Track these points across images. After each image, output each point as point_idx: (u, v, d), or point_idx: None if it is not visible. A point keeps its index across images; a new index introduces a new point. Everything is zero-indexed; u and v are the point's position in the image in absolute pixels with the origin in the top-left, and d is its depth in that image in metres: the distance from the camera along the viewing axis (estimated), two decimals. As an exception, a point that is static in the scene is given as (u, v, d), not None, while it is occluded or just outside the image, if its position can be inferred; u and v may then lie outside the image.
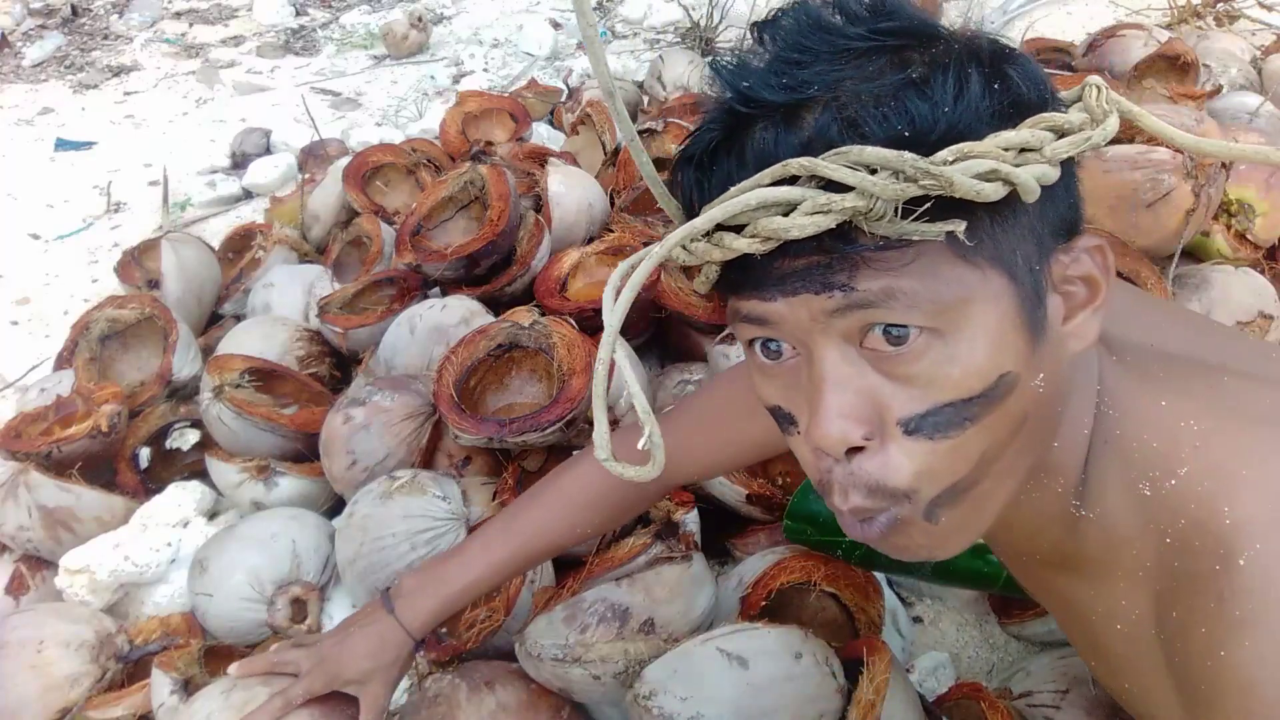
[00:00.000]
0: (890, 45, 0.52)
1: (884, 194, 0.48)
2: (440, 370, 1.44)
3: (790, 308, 0.54)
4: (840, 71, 0.51)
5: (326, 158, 2.44)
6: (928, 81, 0.50)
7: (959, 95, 0.50)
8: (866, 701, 1.02)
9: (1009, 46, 0.55)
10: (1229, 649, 0.51)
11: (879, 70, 0.51)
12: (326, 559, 1.37)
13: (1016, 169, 0.50)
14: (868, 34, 0.52)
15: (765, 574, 1.23)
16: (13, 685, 1.21)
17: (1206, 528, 0.54)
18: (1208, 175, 1.53)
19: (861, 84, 0.51)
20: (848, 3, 0.54)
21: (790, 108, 0.52)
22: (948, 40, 0.54)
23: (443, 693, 1.13)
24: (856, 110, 0.50)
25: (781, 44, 0.54)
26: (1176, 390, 0.60)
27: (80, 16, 3.85)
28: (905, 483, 0.55)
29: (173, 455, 1.63)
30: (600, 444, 0.63)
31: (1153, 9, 3.10)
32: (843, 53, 0.52)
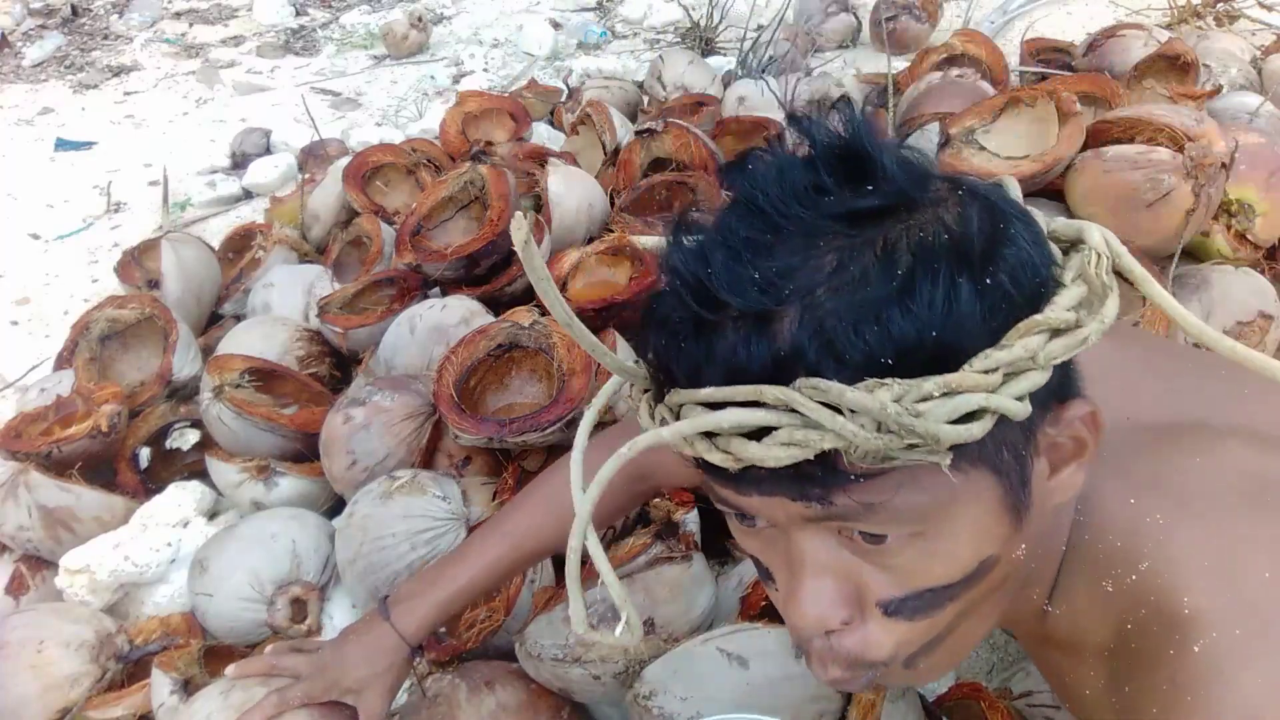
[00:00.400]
0: (870, 235, 0.48)
1: (865, 445, 0.46)
2: (440, 370, 1.44)
3: (766, 505, 0.53)
4: (816, 266, 0.47)
5: (326, 158, 2.44)
6: (911, 292, 0.46)
7: (947, 310, 0.46)
8: (866, 701, 1.02)
9: (1006, 218, 0.50)
10: None
11: (860, 275, 0.47)
12: (326, 559, 1.37)
13: (1005, 400, 0.47)
14: (846, 217, 0.48)
15: (765, 574, 1.23)
16: (13, 685, 1.21)
17: (1164, 615, 0.55)
18: (1208, 175, 1.53)
19: (840, 296, 0.46)
20: (822, 159, 0.50)
21: (760, 314, 0.48)
22: (939, 212, 0.49)
23: (443, 693, 1.13)
24: (834, 327, 0.46)
25: (749, 221, 0.50)
26: (1147, 485, 0.60)
27: (80, 16, 3.85)
28: (885, 656, 0.56)
29: (173, 455, 1.63)
30: (577, 620, 0.65)
31: (1153, 9, 3.10)
32: (818, 237, 0.48)
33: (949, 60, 2.37)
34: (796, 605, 0.54)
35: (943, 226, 0.48)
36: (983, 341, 0.47)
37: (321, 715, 0.96)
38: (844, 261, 0.47)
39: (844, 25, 3.10)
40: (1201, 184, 1.54)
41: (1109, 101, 1.91)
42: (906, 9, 2.92)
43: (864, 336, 0.46)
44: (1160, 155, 1.57)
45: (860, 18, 3.14)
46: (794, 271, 0.47)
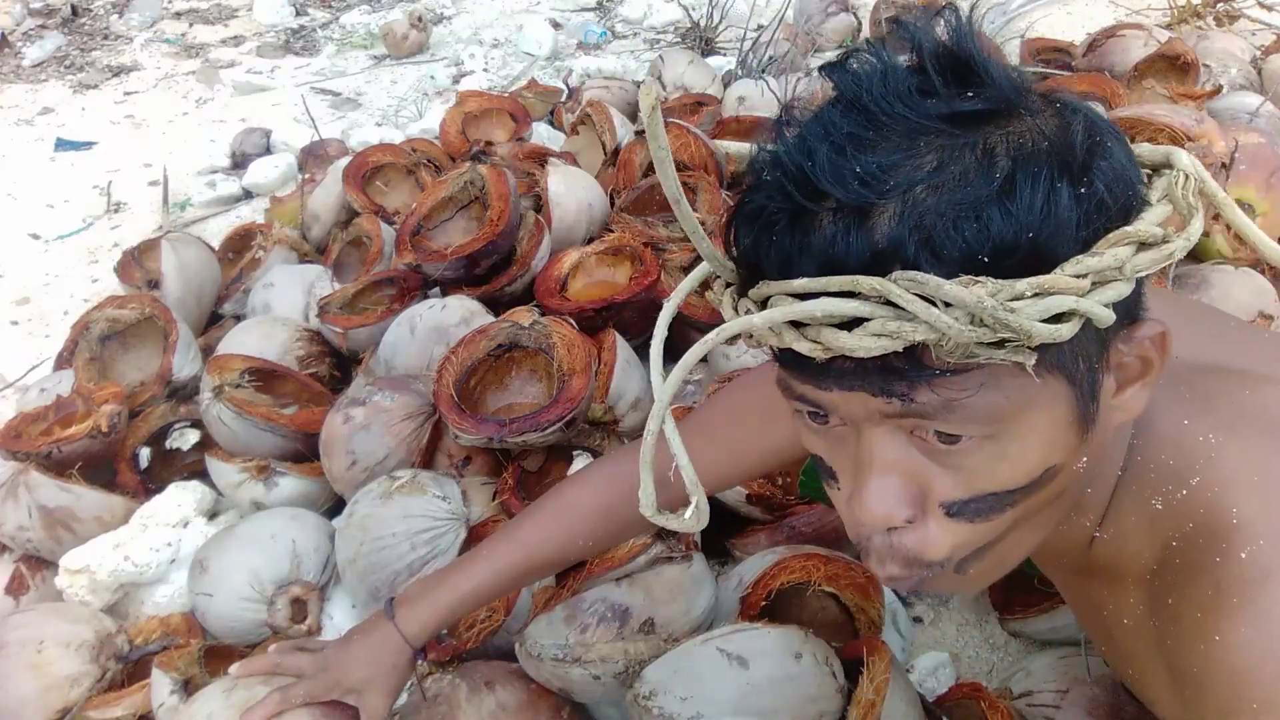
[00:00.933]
0: (971, 139, 0.48)
1: (957, 337, 0.47)
2: (440, 370, 1.44)
3: (845, 400, 0.53)
4: (917, 164, 0.48)
5: (326, 158, 2.44)
6: (1012, 194, 0.47)
7: (1046, 213, 0.47)
8: (866, 701, 1.02)
9: (1101, 132, 0.51)
10: (1224, 633, 0.53)
11: (961, 174, 0.47)
12: (327, 559, 1.37)
13: (1094, 305, 0.48)
14: (950, 118, 0.49)
15: (765, 574, 1.23)
16: (13, 685, 1.21)
17: (1212, 527, 0.56)
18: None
19: (940, 193, 0.47)
20: (928, 61, 0.50)
21: (860, 207, 0.48)
22: (1037, 122, 0.50)
23: (443, 693, 1.13)
24: (933, 223, 0.47)
25: (851, 117, 0.50)
26: (1199, 409, 0.61)
27: (80, 16, 3.85)
28: (942, 556, 0.56)
29: (173, 455, 1.63)
30: (646, 504, 0.65)
31: (1153, 9, 3.10)
32: (920, 136, 0.49)
33: (949, 60, 2.36)
34: (861, 502, 0.55)
35: (1043, 134, 0.49)
36: (1075, 248, 0.48)
37: (323, 715, 0.96)
38: (945, 161, 0.48)
39: (844, 25, 3.10)
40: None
41: (1109, 101, 1.91)
42: (906, 8, 2.92)
43: (962, 233, 0.47)
44: (1160, 155, 1.57)
45: (860, 18, 3.14)
46: (896, 167, 0.48)
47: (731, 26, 3.10)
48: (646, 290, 1.60)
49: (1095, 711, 1.09)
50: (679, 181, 0.52)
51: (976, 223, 0.47)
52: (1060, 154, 0.48)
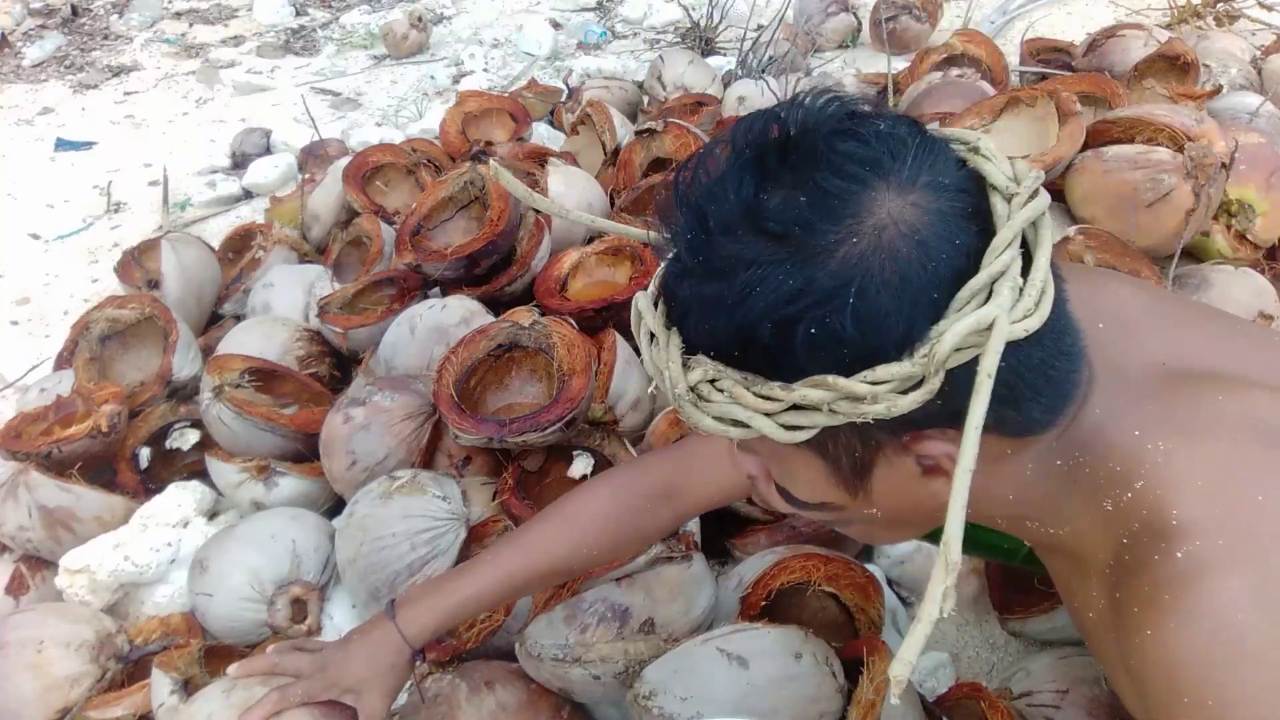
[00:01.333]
0: (745, 252, 0.57)
1: (677, 404, 0.63)
2: (440, 370, 1.44)
3: None
4: (704, 262, 0.59)
5: (326, 158, 2.44)
6: (739, 307, 0.57)
7: (754, 337, 0.56)
8: (866, 701, 1.02)
9: (866, 280, 0.54)
10: (1155, 629, 0.57)
11: (719, 279, 0.57)
12: (326, 559, 1.37)
13: (767, 423, 0.59)
14: (752, 226, 0.57)
15: (765, 574, 1.23)
16: (13, 685, 1.21)
17: (1154, 527, 0.60)
18: (1208, 175, 1.53)
19: (703, 292, 0.59)
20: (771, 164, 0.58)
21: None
22: (799, 262, 0.56)
23: (443, 693, 1.13)
24: (691, 315, 0.60)
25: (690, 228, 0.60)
26: (1156, 418, 0.64)
27: (80, 16, 3.85)
28: (785, 510, 0.71)
29: (173, 455, 1.63)
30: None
31: (1153, 9, 3.10)
32: (725, 234, 0.58)
33: (949, 60, 2.37)
34: (733, 455, 0.71)
35: (792, 273, 0.56)
36: (784, 373, 0.57)
37: (321, 715, 0.96)
38: (720, 269, 0.58)
39: (844, 25, 3.10)
40: (1201, 184, 1.54)
41: (1109, 101, 1.91)
42: (906, 9, 2.92)
43: (701, 327, 0.60)
44: (1160, 155, 1.57)
45: (860, 18, 3.14)
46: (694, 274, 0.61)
47: (731, 26, 3.10)
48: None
49: (1095, 711, 1.09)
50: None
51: (709, 323, 0.58)
52: (791, 300, 0.55)
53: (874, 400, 0.56)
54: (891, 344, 0.55)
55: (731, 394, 0.59)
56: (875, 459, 0.62)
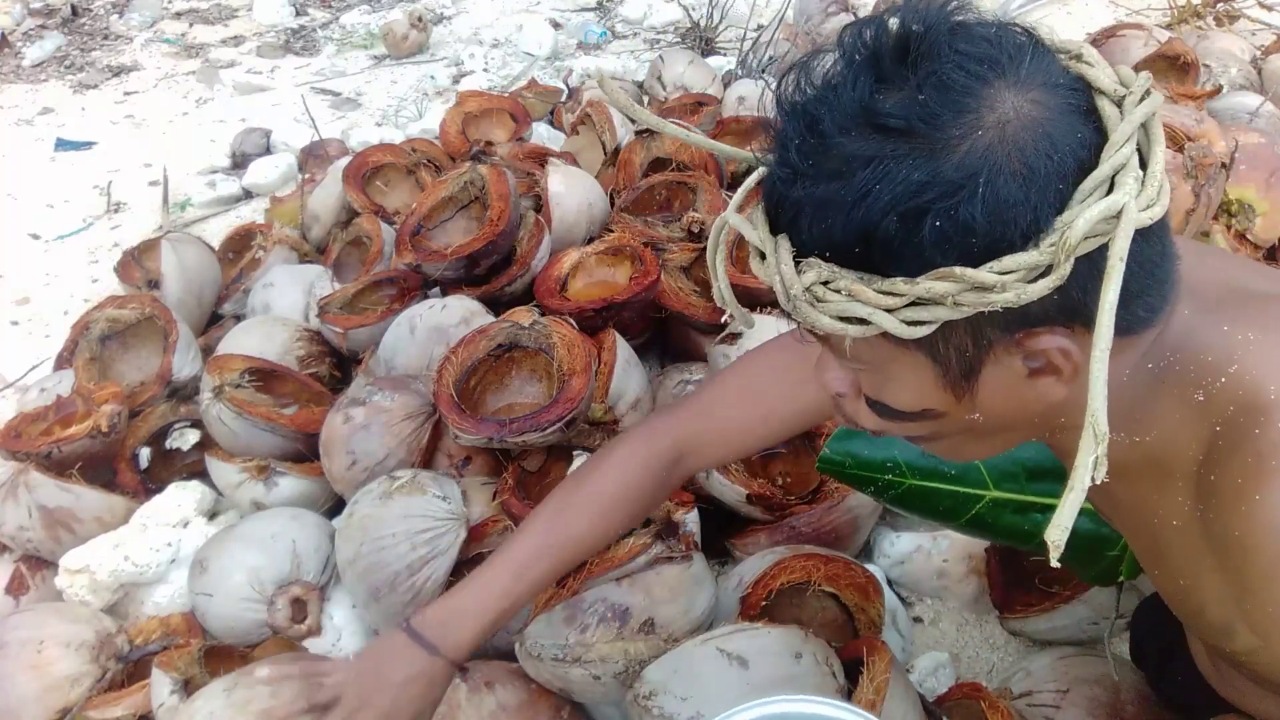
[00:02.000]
0: (863, 150, 0.57)
1: (793, 303, 0.63)
2: (440, 370, 1.44)
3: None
4: (825, 166, 0.58)
5: (326, 158, 2.44)
6: (859, 205, 0.56)
7: (877, 232, 0.56)
8: (866, 701, 1.02)
9: (995, 170, 0.55)
10: (1263, 493, 0.58)
11: (834, 179, 0.57)
12: (326, 559, 1.37)
13: (888, 319, 0.59)
14: (868, 123, 0.57)
15: (765, 574, 1.23)
16: (13, 685, 1.21)
17: (1252, 405, 0.61)
18: (1208, 175, 1.53)
19: (815, 191, 0.58)
20: (885, 59, 0.58)
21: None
22: (927, 150, 0.56)
23: (443, 693, 1.13)
24: (803, 216, 0.59)
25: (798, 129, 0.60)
26: (1237, 316, 0.66)
27: (80, 16, 3.85)
28: (871, 427, 0.72)
29: (173, 455, 1.63)
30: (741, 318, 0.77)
31: (1153, 9, 3.10)
32: (841, 135, 0.58)
33: (949, 60, 2.36)
34: (818, 373, 0.73)
35: (919, 164, 0.56)
36: (908, 267, 0.57)
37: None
38: (836, 169, 0.58)
39: (844, 25, 3.10)
40: (1201, 184, 1.54)
41: (1109, 101, 1.90)
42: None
43: (815, 228, 0.59)
44: (1160, 155, 1.57)
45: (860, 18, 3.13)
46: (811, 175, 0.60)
47: (731, 26, 3.10)
48: (646, 290, 1.60)
49: (1095, 711, 1.09)
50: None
51: (825, 223, 0.58)
52: (917, 193, 0.55)
53: (1002, 289, 0.56)
54: (1018, 234, 0.56)
55: (850, 291, 0.59)
56: (985, 358, 0.62)
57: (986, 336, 0.60)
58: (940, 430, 0.69)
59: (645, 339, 1.75)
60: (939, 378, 0.63)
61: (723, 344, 1.58)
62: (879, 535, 1.44)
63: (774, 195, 0.62)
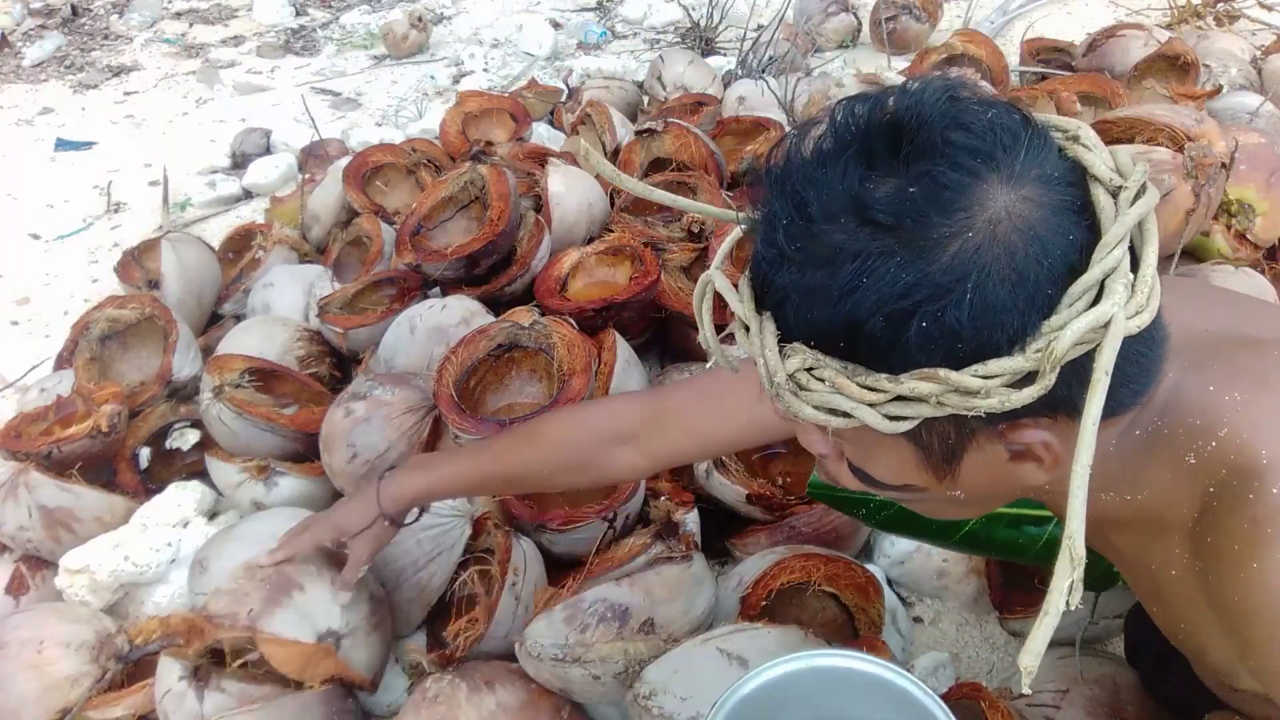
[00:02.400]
0: (851, 246, 0.56)
1: (776, 391, 0.62)
2: (440, 370, 1.44)
3: None
4: (812, 252, 0.58)
5: (326, 158, 2.44)
6: (845, 299, 0.56)
7: (861, 330, 0.56)
8: (866, 701, 1.02)
9: (980, 274, 0.54)
10: (1260, 560, 0.59)
11: (823, 268, 0.57)
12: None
13: (870, 413, 0.59)
14: (856, 215, 0.56)
15: (765, 574, 1.23)
16: (13, 685, 1.20)
17: (1244, 469, 0.61)
18: (1208, 175, 1.53)
19: (805, 279, 0.57)
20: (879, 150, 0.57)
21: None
22: (910, 253, 0.55)
23: (443, 693, 1.13)
24: (791, 302, 0.59)
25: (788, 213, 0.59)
26: (1226, 374, 0.66)
27: (80, 16, 3.85)
28: (852, 487, 0.71)
29: (173, 455, 1.63)
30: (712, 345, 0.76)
31: (1153, 9, 3.10)
32: (830, 221, 0.57)
33: (949, 60, 2.37)
34: (801, 434, 0.71)
35: (904, 268, 0.55)
36: (891, 364, 0.57)
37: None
38: (825, 258, 0.57)
39: (844, 25, 3.10)
40: (1201, 184, 1.54)
41: (1109, 101, 1.91)
42: (906, 9, 2.92)
43: (803, 316, 0.58)
44: (1160, 155, 1.57)
45: (860, 18, 3.14)
46: (798, 261, 0.60)
47: (731, 26, 3.10)
48: (646, 290, 1.60)
49: (1095, 711, 1.09)
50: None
51: (811, 314, 0.57)
52: (904, 295, 0.54)
53: (986, 395, 0.56)
54: (1004, 339, 0.55)
55: (834, 384, 0.58)
56: (968, 445, 0.62)
57: (970, 426, 0.60)
58: (923, 499, 0.70)
59: (645, 339, 1.75)
60: (921, 461, 0.64)
61: (722, 344, 1.58)
62: (879, 535, 1.44)
63: (760, 274, 0.60)
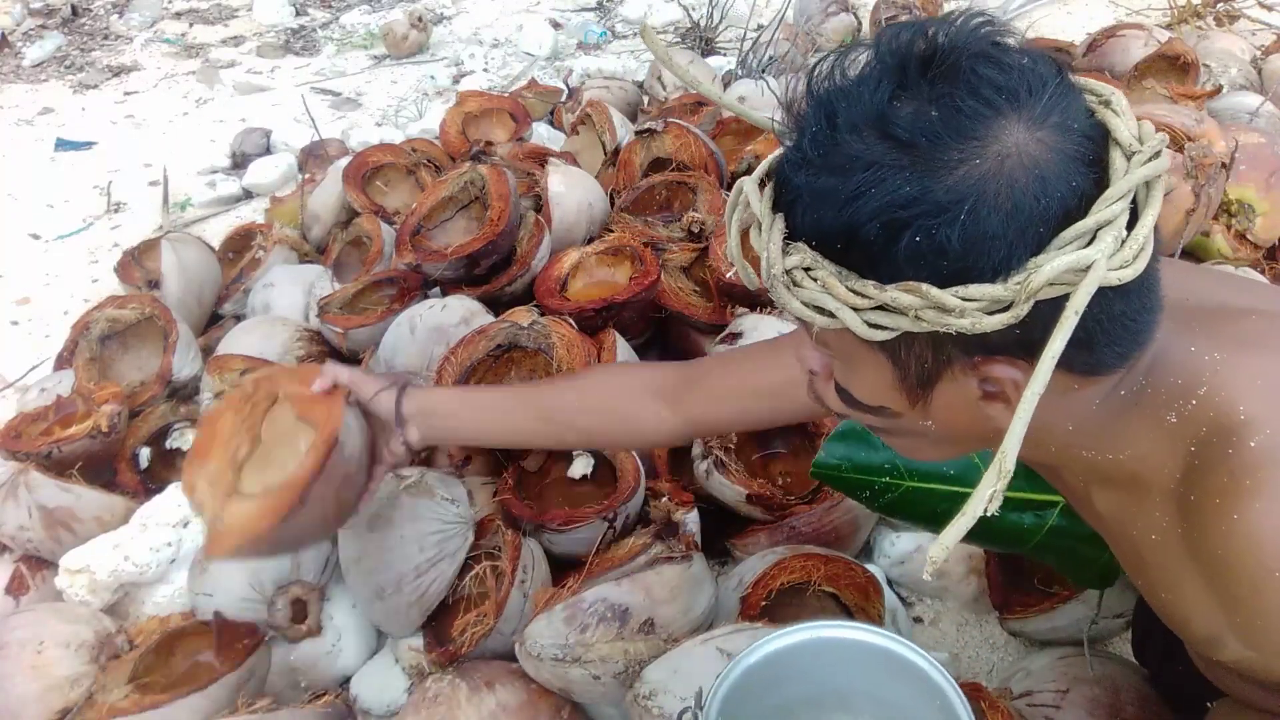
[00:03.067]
0: (866, 154, 0.58)
1: (770, 283, 0.66)
2: (440, 370, 1.44)
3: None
4: (827, 156, 0.60)
5: (326, 158, 2.44)
6: (851, 203, 0.58)
7: (860, 234, 0.58)
8: (866, 701, 1.02)
9: (981, 199, 0.56)
10: (1240, 511, 0.60)
11: (834, 174, 0.59)
12: (326, 559, 1.36)
13: (850, 315, 0.61)
14: (879, 131, 0.59)
15: (765, 574, 1.23)
16: (13, 685, 1.20)
17: (1223, 425, 0.63)
18: (1208, 175, 1.53)
19: (817, 182, 0.60)
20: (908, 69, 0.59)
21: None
22: (924, 168, 0.58)
23: (443, 693, 1.13)
24: (801, 202, 0.61)
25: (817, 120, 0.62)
26: (1206, 336, 0.68)
27: (80, 16, 3.85)
28: (835, 408, 0.74)
29: (173, 455, 1.63)
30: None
31: (1153, 9, 3.10)
32: (851, 133, 0.59)
33: (949, 60, 2.36)
34: (796, 347, 0.75)
35: (910, 179, 0.57)
36: (881, 271, 0.59)
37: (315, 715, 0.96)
38: (840, 164, 0.59)
39: (844, 25, 3.10)
40: (1201, 184, 1.54)
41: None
42: (906, 9, 2.92)
43: (809, 216, 0.61)
44: (1160, 155, 1.57)
45: (860, 18, 3.14)
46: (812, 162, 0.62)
47: (731, 26, 3.10)
48: (646, 290, 1.60)
49: (1095, 711, 1.09)
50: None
51: (817, 214, 0.60)
52: (904, 206, 0.56)
53: (960, 314, 0.58)
54: (989, 266, 0.57)
55: (825, 284, 0.61)
56: (942, 373, 0.64)
57: (946, 353, 0.63)
58: (896, 428, 0.71)
59: (645, 339, 1.75)
60: (897, 381, 0.66)
61: (723, 344, 1.58)
62: (879, 535, 1.44)
63: (782, 174, 0.63)
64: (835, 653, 0.96)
